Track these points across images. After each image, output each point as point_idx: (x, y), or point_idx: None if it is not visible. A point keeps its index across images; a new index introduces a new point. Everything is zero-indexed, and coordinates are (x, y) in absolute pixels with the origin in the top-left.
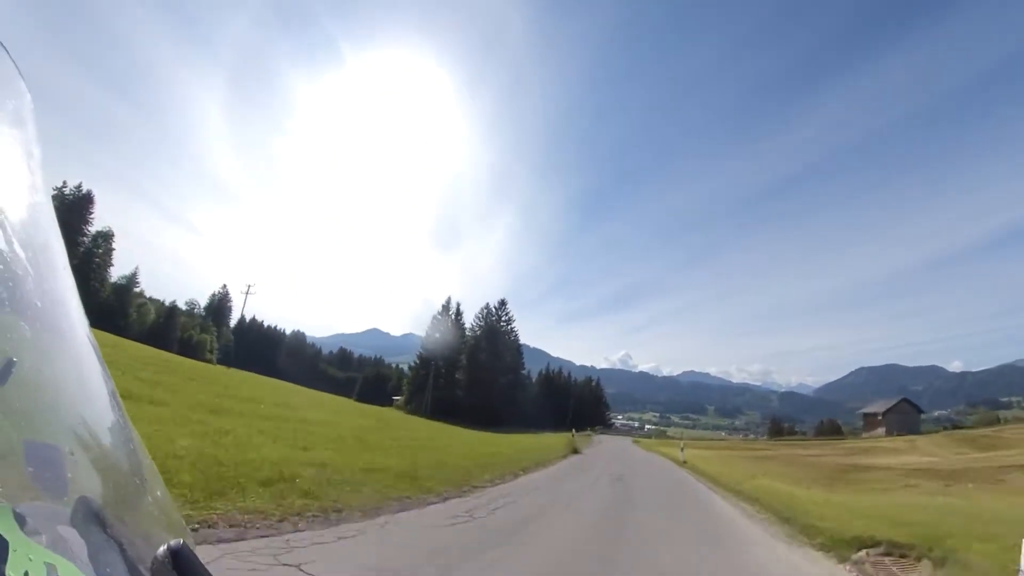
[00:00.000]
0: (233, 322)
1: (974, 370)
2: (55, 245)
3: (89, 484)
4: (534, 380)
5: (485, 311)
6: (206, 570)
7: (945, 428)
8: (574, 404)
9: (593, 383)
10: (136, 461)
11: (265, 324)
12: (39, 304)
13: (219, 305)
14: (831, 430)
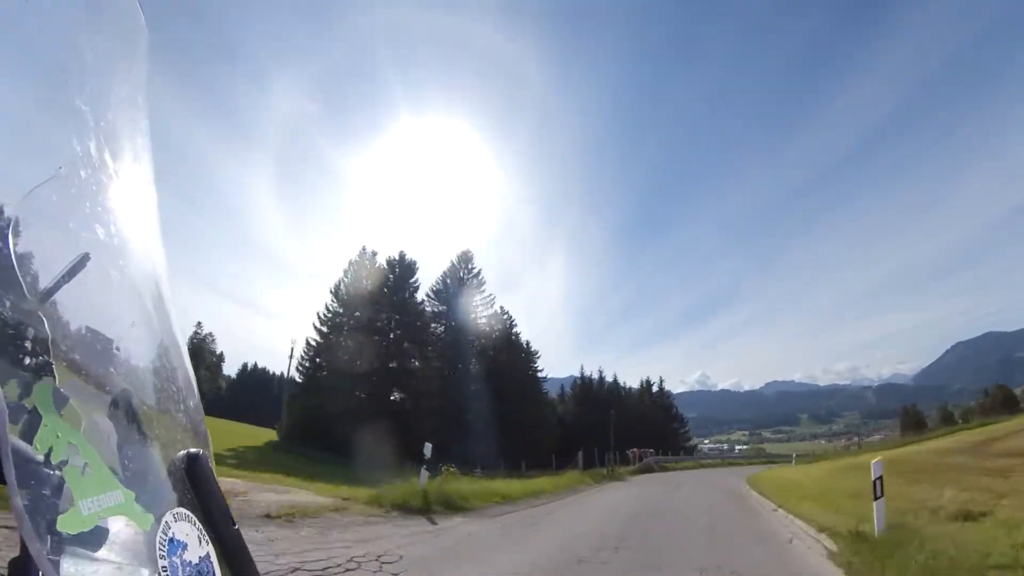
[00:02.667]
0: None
1: None
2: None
3: (131, 380)
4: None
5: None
6: (216, 482)
7: None
8: (615, 421)
9: (655, 388)
10: (178, 370)
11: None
12: (116, 209)
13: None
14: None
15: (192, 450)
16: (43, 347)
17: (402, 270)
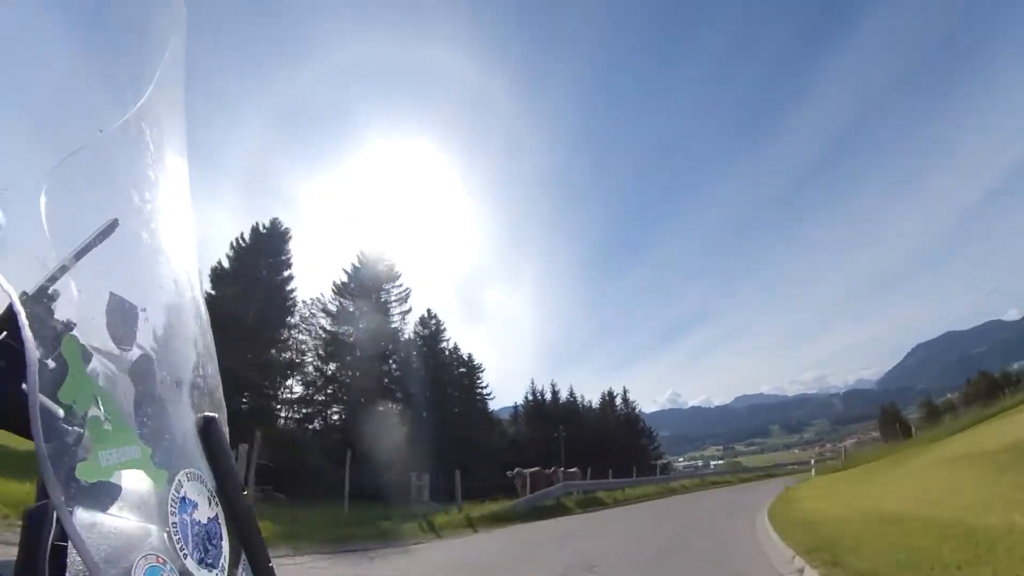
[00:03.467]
0: None
1: None
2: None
3: (154, 344)
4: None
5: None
6: (228, 446)
7: None
8: (573, 439)
9: (617, 397)
10: (200, 337)
11: None
12: (149, 178)
13: None
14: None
15: (208, 414)
16: (72, 305)
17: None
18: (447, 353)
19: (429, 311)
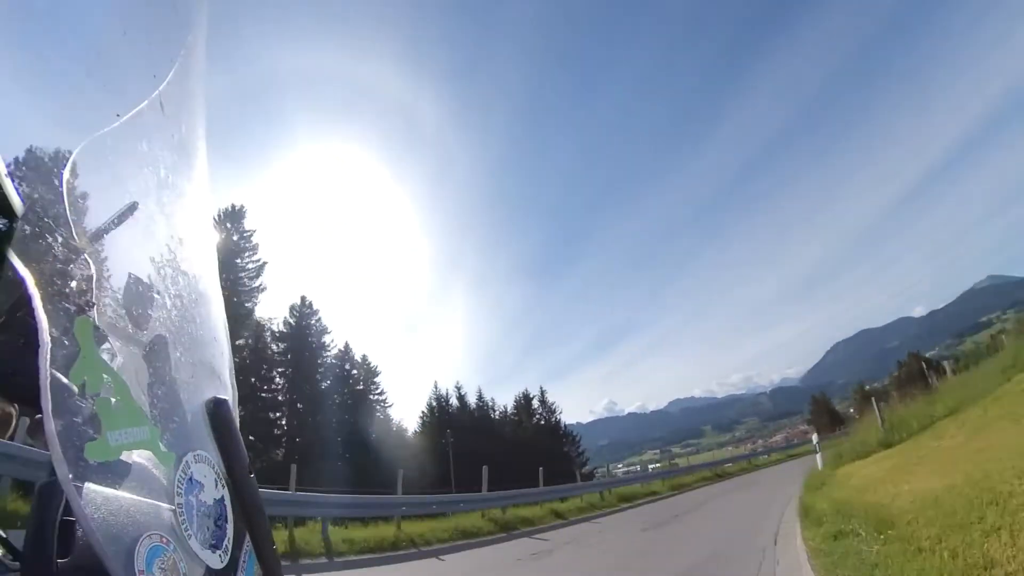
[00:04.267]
0: None
1: (939, 307)
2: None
3: (167, 326)
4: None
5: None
6: (237, 429)
7: None
8: (490, 449)
9: (533, 399)
10: (214, 320)
11: None
12: (168, 163)
13: None
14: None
15: (218, 396)
16: (87, 286)
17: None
18: (326, 348)
19: (303, 298)
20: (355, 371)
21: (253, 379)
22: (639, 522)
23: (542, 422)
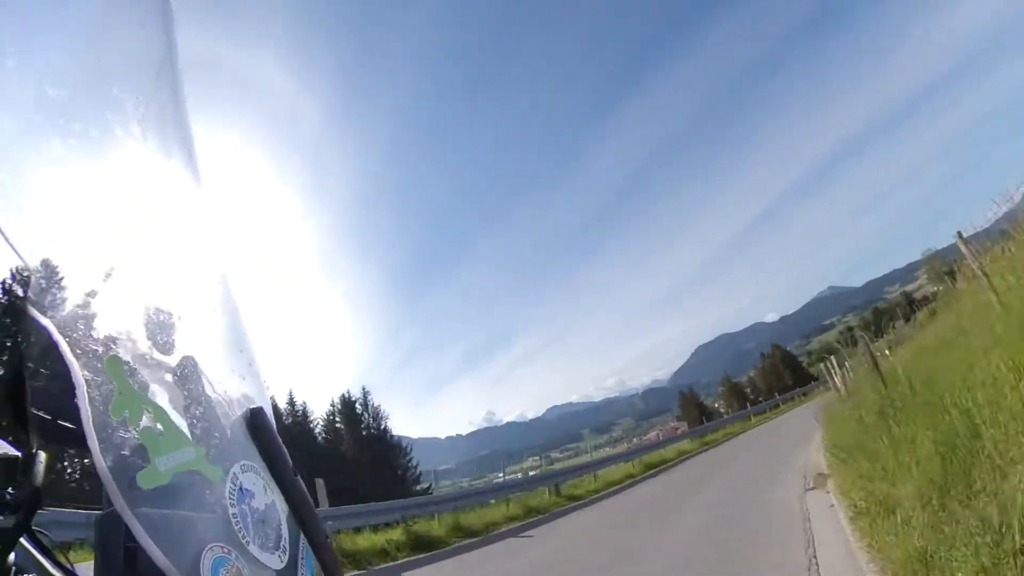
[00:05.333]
0: None
1: (790, 312)
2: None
3: (193, 347)
4: None
5: None
6: (276, 435)
7: None
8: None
9: (355, 402)
10: (236, 332)
11: None
12: (165, 191)
13: None
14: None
15: (254, 406)
16: (110, 324)
17: None
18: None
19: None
20: None
21: None
22: None
23: (367, 431)
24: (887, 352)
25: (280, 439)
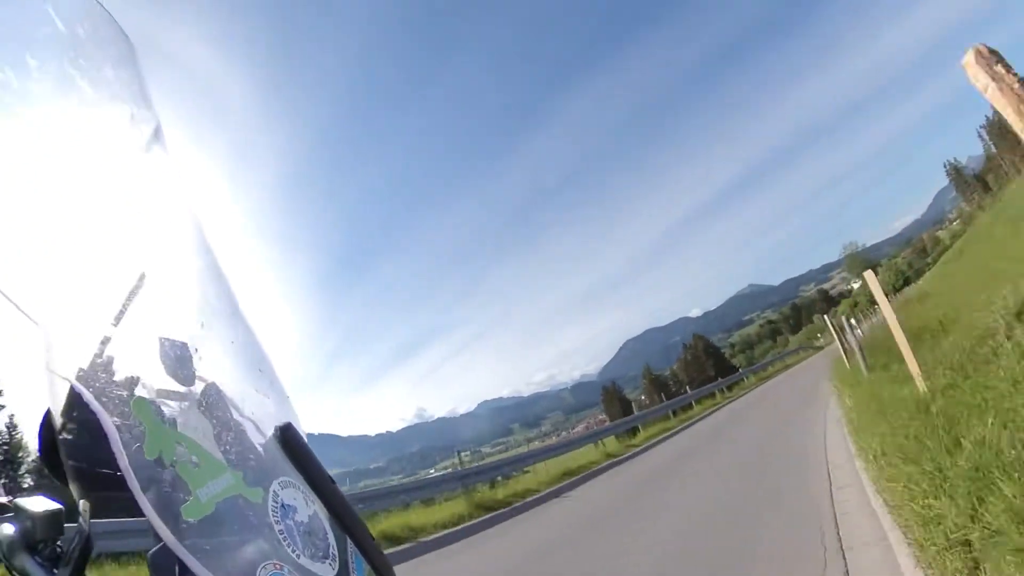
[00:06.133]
0: None
1: (712, 308)
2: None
3: (214, 373)
4: None
5: None
6: (308, 447)
7: None
8: None
9: None
10: (254, 352)
11: None
12: (159, 225)
13: None
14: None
15: (282, 423)
16: (128, 367)
17: None
18: None
19: None
20: None
21: None
22: None
23: None
24: None
25: (312, 451)
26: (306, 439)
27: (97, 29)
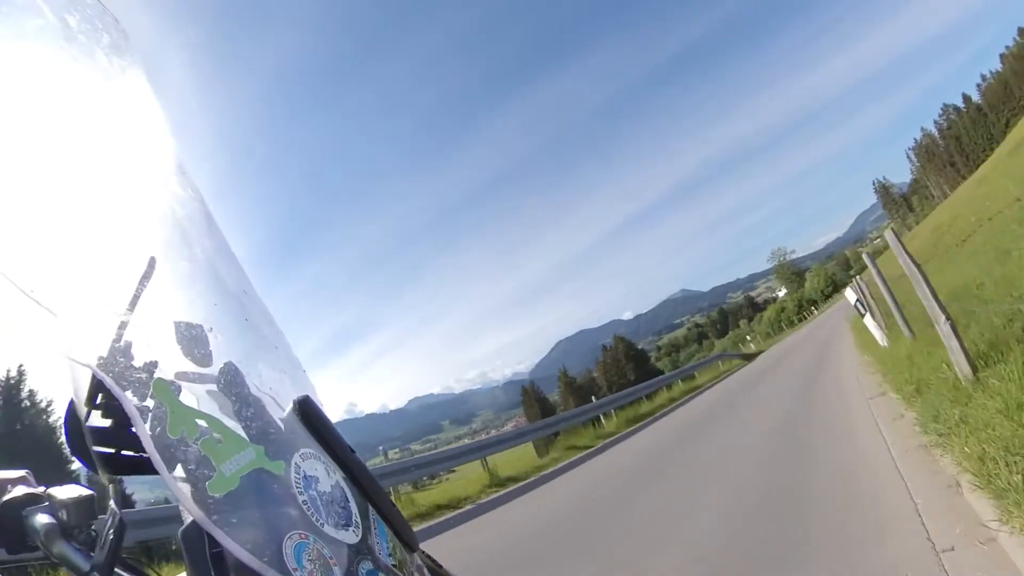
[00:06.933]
0: None
1: (643, 311)
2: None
3: (229, 352)
4: None
5: None
6: (327, 418)
7: None
8: None
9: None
10: (267, 329)
11: None
12: (164, 209)
13: None
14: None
15: (300, 396)
16: (146, 351)
17: None
18: None
19: None
20: None
21: None
22: None
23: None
24: None
25: (330, 421)
26: (323, 410)
27: (90, 18)
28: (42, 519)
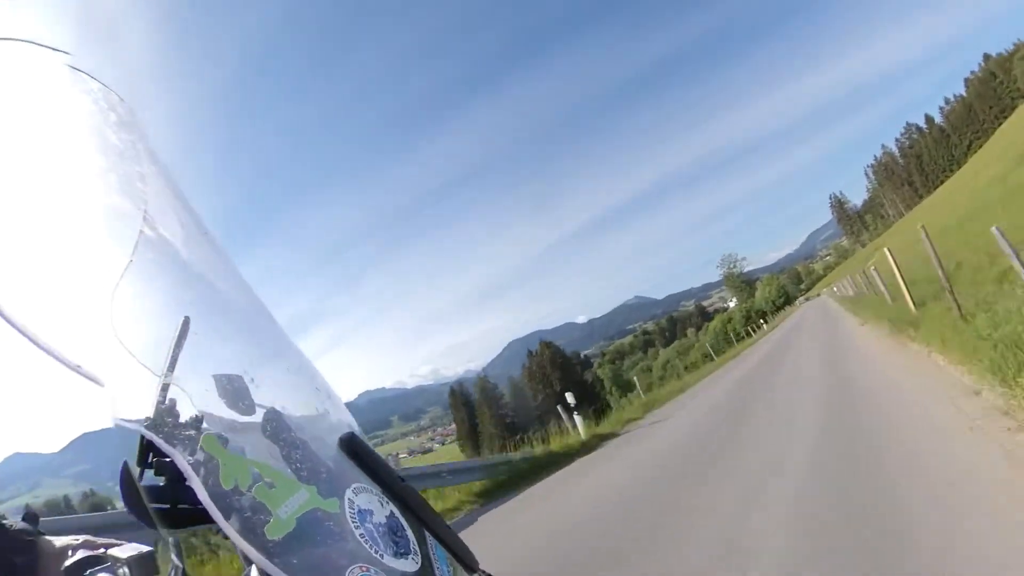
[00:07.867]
0: None
1: (598, 316)
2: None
3: (271, 398)
4: None
5: None
6: (373, 450)
7: None
8: None
9: None
10: (308, 374)
11: None
12: (191, 268)
13: None
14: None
15: (344, 432)
16: (190, 407)
17: None
18: None
19: None
20: None
21: None
22: None
23: None
24: None
25: (377, 453)
26: (368, 443)
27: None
28: None
